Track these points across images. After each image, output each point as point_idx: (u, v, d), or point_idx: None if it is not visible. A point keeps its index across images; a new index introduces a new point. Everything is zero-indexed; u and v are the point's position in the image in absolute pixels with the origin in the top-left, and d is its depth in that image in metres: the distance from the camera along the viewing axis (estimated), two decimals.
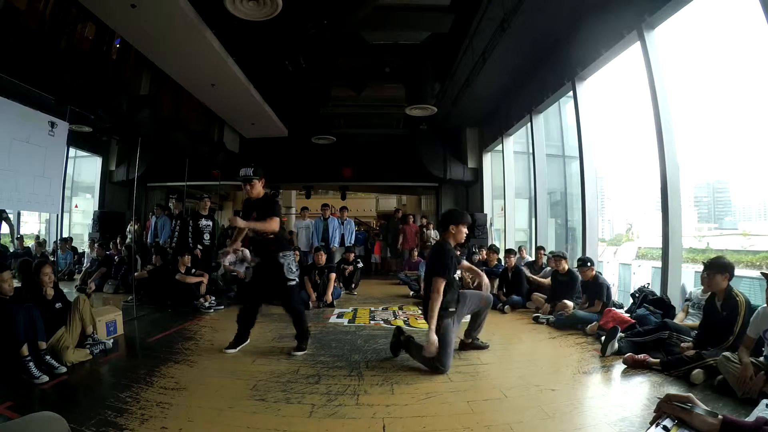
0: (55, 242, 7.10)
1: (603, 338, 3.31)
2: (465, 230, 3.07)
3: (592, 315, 4.01)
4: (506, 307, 5.03)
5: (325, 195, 13.23)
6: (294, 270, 3.26)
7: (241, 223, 3.15)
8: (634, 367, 2.87)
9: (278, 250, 3.22)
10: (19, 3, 4.25)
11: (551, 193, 7.85)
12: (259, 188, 3.27)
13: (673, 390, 2.46)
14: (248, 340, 3.40)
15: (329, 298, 5.29)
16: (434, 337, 2.77)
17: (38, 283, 3.09)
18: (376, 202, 17.26)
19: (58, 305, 3.12)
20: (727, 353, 2.47)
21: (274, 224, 3.16)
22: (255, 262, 3.30)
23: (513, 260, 5.51)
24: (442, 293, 2.85)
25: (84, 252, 8.12)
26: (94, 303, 3.61)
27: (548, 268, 5.44)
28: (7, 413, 2.09)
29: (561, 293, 4.55)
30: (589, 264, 4.32)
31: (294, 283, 3.26)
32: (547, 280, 5.14)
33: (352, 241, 7.67)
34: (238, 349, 3.29)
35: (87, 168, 10.01)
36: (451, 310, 2.96)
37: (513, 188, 8.28)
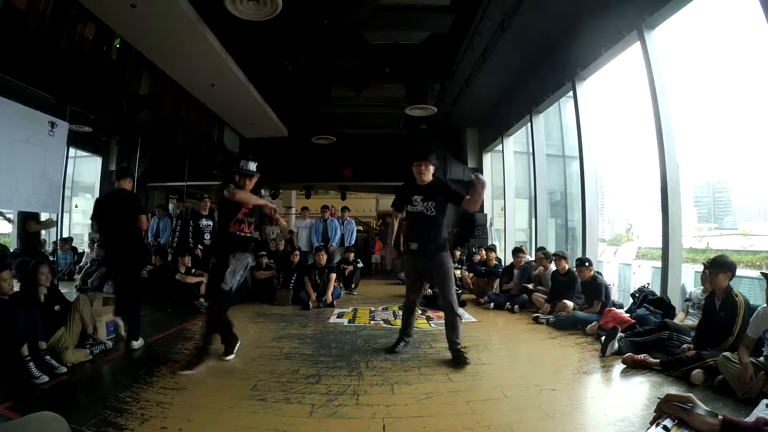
0: (55, 242, 7.09)
1: (603, 338, 3.31)
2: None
3: (592, 315, 4.01)
4: (515, 306, 5.02)
5: (325, 195, 13.23)
6: (237, 277, 2.97)
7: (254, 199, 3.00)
8: (634, 367, 2.86)
9: (239, 251, 2.99)
10: (19, 3, 4.25)
11: (551, 193, 7.85)
12: (254, 185, 3.12)
13: (673, 390, 2.46)
14: (240, 340, 3.18)
15: (329, 298, 5.29)
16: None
17: (36, 283, 3.08)
18: (376, 202, 17.27)
19: (56, 307, 3.11)
20: (727, 353, 2.47)
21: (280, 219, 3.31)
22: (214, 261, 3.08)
23: (522, 259, 5.50)
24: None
25: (84, 252, 8.11)
26: (94, 303, 3.60)
27: (540, 268, 5.43)
28: (7, 413, 2.09)
29: (561, 293, 4.54)
30: (587, 264, 4.32)
31: (227, 288, 2.93)
32: (536, 297, 5.09)
33: (353, 241, 7.67)
34: (235, 352, 3.11)
35: (87, 168, 10.00)
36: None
37: (513, 188, 8.28)
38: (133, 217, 3.45)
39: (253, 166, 3.04)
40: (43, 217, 5.13)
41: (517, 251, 5.60)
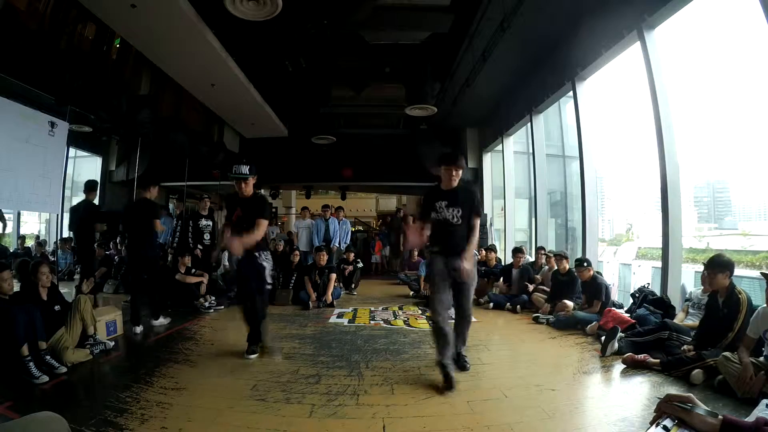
0: (56, 242, 7.10)
1: (603, 338, 3.31)
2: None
3: (592, 315, 4.01)
4: (516, 306, 5.00)
5: (325, 195, 13.26)
6: (270, 273, 3.27)
7: (237, 247, 2.97)
8: (634, 367, 2.87)
9: (259, 250, 3.18)
10: (19, 3, 4.25)
11: (551, 193, 7.85)
12: (251, 186, 3.21)
13: (673, 390, 2.46)
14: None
15: (329, 298, 5.29)
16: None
17: (36, 283, 3.08)
18: (376, 202, 17.30)
19: (56, 308, 3.10)
20: (727, 353, 2.47)
21: (263, 229, 3.13)
22: (235, 261, 3.30)
23: (521, 259, 5.50)
24: None
25: None
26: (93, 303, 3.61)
27: (546, 268, 5.42)
28: (7, 413, 2.09)
29: (561, 293, 4.54)
30: (585, 264, 4.32)
31: (270, 287, 3.28)
32: (536, 297, 5.09)
33: (347, 241, 7.66)
34: (258, 351, 3.20)
35: (87, 168, 10.00)
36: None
37: (513, 188, 8.28)
38: (151, 222, 4.08)
39: (245, 168, 3.10)
40: (44, 217, 5.27)
41: (517, 251, 5.60)
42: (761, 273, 2.50)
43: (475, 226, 2.90)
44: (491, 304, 5.25)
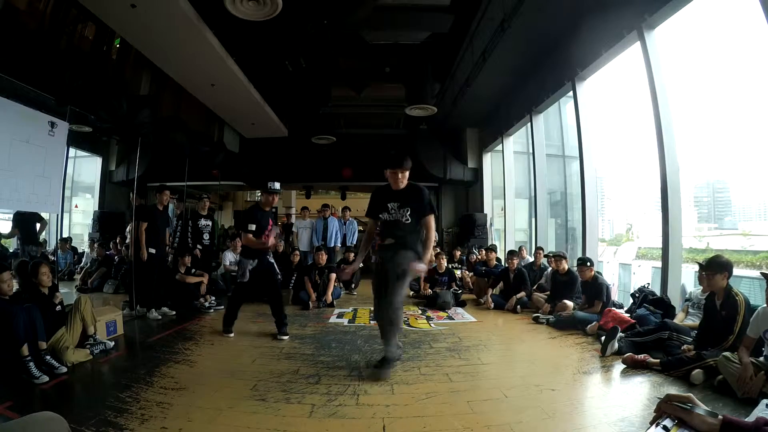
0: (56, 242, 7.10)
1: (603, 338, 3.31)
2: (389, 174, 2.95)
3: (592, 315, 4.01)
4: (518, 307, 4.98)
5: (326, 195, 13.25)
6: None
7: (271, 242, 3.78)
8: (634, 367, 2.86)
9: (266, 253, 3.83)
10: (19, 3, 4.25)
11: (551, 193, 7.86)
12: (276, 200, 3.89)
13: (673, 390, 2.46)
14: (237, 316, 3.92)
15: (329, 298, 5.29)
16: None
17: (36, 284, 3.08)
18: None
19: (57, 308, 3.10)
20: (727, 353, 2.47)
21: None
22: (252, 265, 3.75)
23: (515, 262, 5.49)
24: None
25: (84, 252, 8.12)
26: (94, 303, 3.60)
27: (549, 269, 5.41)
28: (7, 413, 2.09)
29: (561, 293, 4.54)
30: (588, 264, 4.32)
31: (280, 278, 4.04)
32: (536, 297, 5.03)
33: (354, 241, 7.66)
34: (233, 330, 3.82)
35: (87, 168, 10.01)
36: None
37: (513, 188, 8.28)
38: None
39: (278, 185, 3.79)
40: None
41: (512, 254, 5.59)
42: (761, 273, 2.50)
43: (429, 225, 2.89)
44: (492, 305, 5.24)
